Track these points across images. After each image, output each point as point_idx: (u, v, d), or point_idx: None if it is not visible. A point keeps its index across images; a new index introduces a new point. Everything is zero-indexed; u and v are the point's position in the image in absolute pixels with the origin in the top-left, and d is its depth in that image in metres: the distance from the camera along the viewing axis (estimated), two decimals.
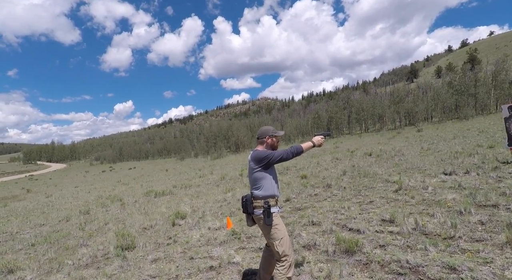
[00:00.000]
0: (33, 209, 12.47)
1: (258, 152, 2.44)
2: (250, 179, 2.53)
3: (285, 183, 8.40)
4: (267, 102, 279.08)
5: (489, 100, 36.03)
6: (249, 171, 2.52)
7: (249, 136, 60.56)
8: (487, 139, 12.38)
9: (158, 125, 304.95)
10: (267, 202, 2.38)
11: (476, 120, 29.51)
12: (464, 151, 9.47)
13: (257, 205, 2.40)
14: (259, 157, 2.40)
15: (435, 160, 8.52)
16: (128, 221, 6.70)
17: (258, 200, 2.40)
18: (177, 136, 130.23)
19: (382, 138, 25.57)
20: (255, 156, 2.43)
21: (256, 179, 2.43)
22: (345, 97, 50.50)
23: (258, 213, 2.39)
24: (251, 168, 2.47)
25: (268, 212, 2.34)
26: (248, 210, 2.44)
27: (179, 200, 8.72)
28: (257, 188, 2.43)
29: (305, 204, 5.71)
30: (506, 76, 36.03)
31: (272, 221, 2.35)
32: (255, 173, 2.43)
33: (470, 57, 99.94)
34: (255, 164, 2.43)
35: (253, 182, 2.47)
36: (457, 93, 36.05)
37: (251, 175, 2.47)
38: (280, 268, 2.36)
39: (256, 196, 2.42)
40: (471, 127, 21.40)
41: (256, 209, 2.40)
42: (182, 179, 17.17)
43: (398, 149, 12.75)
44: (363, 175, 7.83)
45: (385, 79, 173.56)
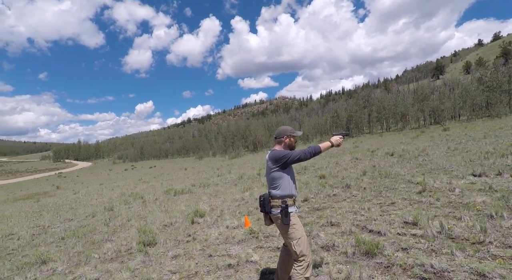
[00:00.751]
0: (62, 204, 13.19)
1: (275, 152, 2.43)
2: (267, 179, 2.51)
3: (303, 183, 8.32)
4: (284, 101, 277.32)
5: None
6: (267, 170, 2.52)
7: (267, 135, 60.48)
8: None
9: (177, 125, 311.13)
10: (285, 202, 2.37)
11: (510, 119, 27.74)
12: (496, 151, 8.94)
13: (274, 204, 2.39)
14: (276, 157, 2.39)
15: (463, 160, 8.11)
16: (149, 218, 6.91)
17: (275, 199, 2.39)
18: (196, 136, 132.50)
19: (404, 137, 24.68)
20: (273, 156, 2.42)
21: (273, 178, 2.43)
22: (365, 96, 49.08)
23: (276, 213, 2.39)
24: (269, 167, 2.46)
25: (286, 211, 2.33)
26: (266, 210, 2.44)
27: (197, 199, 8.88)
28: (275, 187, 2.42)
29: (323, 204, 5.63)
30: None
31: (289, 221, 2.34)
32: (273, 172, 2.42)
33: (504, 51, 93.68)
34: (272, 164, 2.42)
35: (270, 182, 2.47)
36: (489, 89, 33.76)
37: (269, 174, 2.47)
38: (298, 268, 2.34)
39: (273, 195, 2.41)
40: (504, 126, 20.15)
41: (274, 209, 2.39)
42: (201, 178, 17.47)
43: (422, 149, 12.25)
44: (384, 175, 7.60)
45: (408, 76, 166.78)
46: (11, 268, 4.76)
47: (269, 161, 2.46)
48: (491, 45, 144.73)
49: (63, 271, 4.26)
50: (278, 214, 2.37)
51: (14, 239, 7.04)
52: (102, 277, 3.73)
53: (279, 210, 2.37)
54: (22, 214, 11.65)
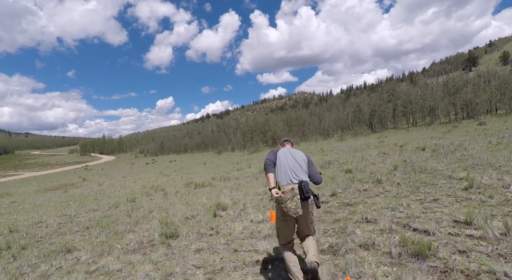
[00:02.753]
0: (88, 195, 13.56)
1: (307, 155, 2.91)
2: (302, 167, 2.73)
3: (329, 177, 7.90)
4: (304, 97, 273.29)
5: None
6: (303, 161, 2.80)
7: (286, 130, 59.77)
8: None
9: (196, 120, 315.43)
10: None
11: None
12: None
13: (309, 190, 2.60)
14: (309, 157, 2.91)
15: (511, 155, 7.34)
16: (170, 210, 6.81)
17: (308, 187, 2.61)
18: (214, 131, 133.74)
19: (434, 132, 23.31)
20: (306, 156, 2.89)
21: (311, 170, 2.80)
22: (390, 89, 46.93)
23: (312, 199, 2.62)
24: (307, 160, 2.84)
25: (317, 196, 2.72)
26: (307, 195, 2.52)
27: (219, 192, 8.71)
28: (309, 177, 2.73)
29: (354, 199, 5.22)
30: None
31: None
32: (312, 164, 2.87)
33: None
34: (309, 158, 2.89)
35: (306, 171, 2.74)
36: None
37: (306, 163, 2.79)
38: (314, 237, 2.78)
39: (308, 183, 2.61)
40: None
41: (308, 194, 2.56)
42: (221, 172, 17.40)
43: (459, 144, 11.36)
44: (418, 170, 7.03)
45: (436, 68, 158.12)
46: (38, 255, 4.79)
47: (304, 154, 2.88)
48: None
49: (87, 261, 4.19)
50: (313, 201, 2.64)
51: (42, 227, 7.20)
52: (124, 269, 3.59)
53: (312, 197, 2.62)
54: (51, 204, 12.07)
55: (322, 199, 5.61)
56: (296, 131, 64.89)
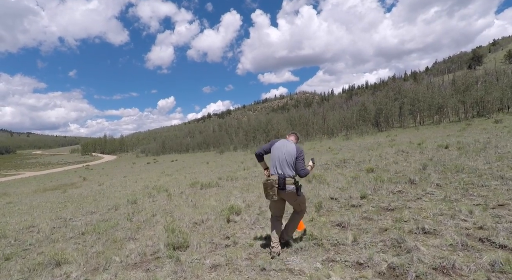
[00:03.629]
0: (87, 196, 12.85)
1: (300, 148, 3.28)
2: (286, 161, 3.20)
3: (351, 177, 7.13)
4: (305, 96, 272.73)
5: None
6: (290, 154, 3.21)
7: (289, 129, 58.87)
8: None
9: (197, 120, 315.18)
10: (295, 179, 3.22)
11: None
12: None
13: (288, 182, 3.15)
14: (301, 152, 3.25)
15: None
16: (176, 214, 6.06)
17: (289, 178, 3.16)
18: (216, 130, 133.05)
19: (447, 130, 22.47)
20: (300, 149, 3.25)
21: (297, 163, 3.18)
22: (396, 87, 46.02)
23: (290, 188, 3.16)
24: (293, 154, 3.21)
25: (300, 186, 3.21)
26: (283, 187, 3.14)
27: (228, 193, 7.95)
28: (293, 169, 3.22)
29: (393, 203, 4.45)
30: None
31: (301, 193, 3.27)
32: (300, 159, 3.21)
33: None
34: (298, 153, 3.20)
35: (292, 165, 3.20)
36: None
37: (293, 158, 3.19)
38: (299, 215, 3.49)
39: (289, 175, 3.18)
40: None
41: (288, 185, 3.15)
42: (226, 171, 16.66)
43: (486, 141, 10.54)
44: (454, 170, 6.24)
45: (439, 67, 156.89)
46: (21, 269, 4.05)
47: (295, 149, 3.23)
48: None
49: (78, 278, 3.45)
50: (292, 190, 3.17)
51: (34, 232, 6.48)
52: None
53: (292, 186, 3.17)
54: (47, 205, 11.36)
55: (353, 202, 4.85)
56: (299, 130, 64.04)
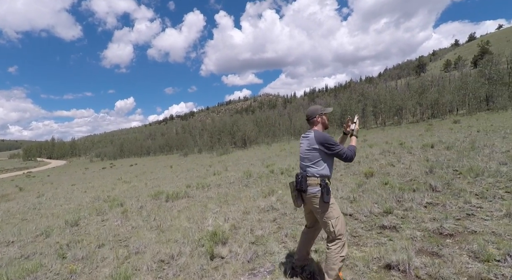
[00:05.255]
0: (16, 213, 10.14)
1: (324, 134, 2.39)
2: (304, 157, 2.46)
3: (356, 184, 5.97)
4: (269, 98, 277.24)
5: None
6: (306, 147, 2.45)
7: (256, 130, 57.94)
8: None
9: (159, 122, 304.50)
10: (324, 180, 2.36)
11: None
12: None
13: (312, 182, 2.36)
14: (325, 140, 2.35)
15: None
16: (133, 244, 4.31)
17: (313, 178, 2.37)
18: (179, 132, 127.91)
19: (413, 130, 23.06)
20: (322, 138, 2.36)
21: (315, 157, 2.38)
22: (360, 89, 47.70)
23: (314, 191, 2.35)
24: (312, 145, 2.39)
25: (328, 189, 2.33)
26: (303, 187, 2.37)
27: (202, 207, 6.33)
28: (314, 166, 2.38)
29: (440, 223, 3.27)
30: None
31: (330, 199, 2.33)
32: (315, 151, 2.38)
33: (482, 50, 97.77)
34: (318, 144, 2.36)
35: (311, 159, 2.41)
36: (490, 82, 33.15)
37: (310, 152, 2.40)
38: (333, 246, 2.33)
39: (312, 173, 2.38)
40: None
41: (311, 187, 2.36)
42: (194, 177, 14.82)
43: (470, 140, 10.26)
44: (473, 173, 5.38)
45: (390, 73, 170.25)
46: None
47: (313, 140, 2.39)
48: (467, 45, 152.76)
49: None
50: (316, 193, 2.34)
51: None
52: None
53: (317, 188, 2.34)
54: None
55: (380, 220, 3.61)
56: (266, 131, 63.53)
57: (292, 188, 2.49)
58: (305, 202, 2.47)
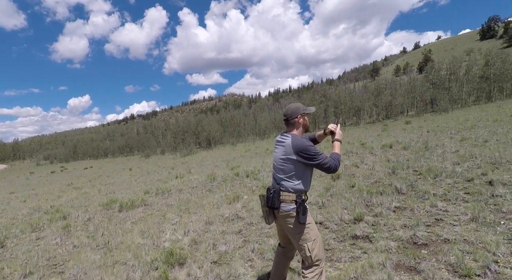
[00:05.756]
0: None
1: (303, 142, 1.99)
2: (278, 167, 2.09)
3: (323, 188, 5.81)
4: (234, 98, 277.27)
5: (461, 93, 37.43)
6: (280, 156, 2.08)
7: (221, 130, 57.08)
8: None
9: (118, 121, 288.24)
10: (300, 196, 2.02)
11: (456, 113, 29.73)
12: None
13: (286, 199, 2.02)
14: (304, 149, 1.96)
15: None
16: (71, 270, 3.60)
17: (288, 193, 2.02)
18: (141, 133, 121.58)
19: (371, 130, 24.31)
20: (301, 146, 1.97)
21: (290, 169, 2.02)
22: (322, 91, 49.50)
23: (288, 209, 2.01)
24: (287, 155, 2.02)
25: (304, 208, 2.00)
26: (275, 205, 2.00)
27: (159, 217, 5.71)
28: (289, 179, 2.03)
29: (413, 231, 3.14)
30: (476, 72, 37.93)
31: (306, 219, 2.00)
32: (291, 162, 2.00)
33: (425, 58, 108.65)
34: (294, 153, 1.99)
35: (284, 172, 2.05)
36: (434, 87, 36.79)
37: (284, 162, 2.04)
38: (310, 274, 1.99)
39: (286, 187, 2.03)
40: (464, 119, 20.82)
41: (284, 203, 2.02)
42: (154, 180, 13.85)
43: (423, 141, 10.85)
44: (432, 174, 5.51)
45: (348, 76, 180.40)
46: None
47: (289, 148, 2.01)
48: (413, 52, 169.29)
49: None
50: (290, 211, 2.01)
51: None
52: None
53: (292, 206, 2.00)
54: None
55: (352, 229, 3.40)
56: (231, 131, 62.96)
57: (263, 203, 2.13)
58: (277, 219, 2.13)
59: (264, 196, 2.10)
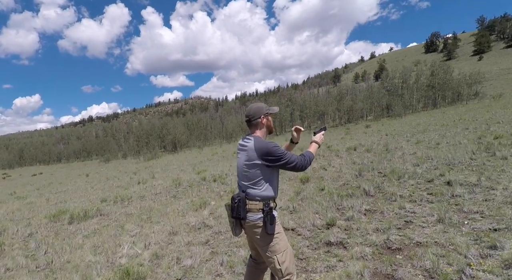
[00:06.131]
0: None
1: (267, 144, 1.82)
2: (242, 174, 1.93)
3: (294, 192, 5.70)
4: (200, 101, 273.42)
5: (412, 100, 41.02)
6: (243, 162, 1.89)
7: (187, 134, 55.48)
8: (468, 130, 12.11)
9: (74, 124, 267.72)
10: (268, 204, 1.85)
11: (409, 118, 32.13)
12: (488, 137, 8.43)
13: (252, 207, 1.85)
14: (268, 152, 1.80)
15: (465, 151, 7.06)
16: None
17: (255, 201, 1.85)
18: (100, 136, 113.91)
19: (335, 134, 25.22)
20: (263, 147, 1.81)
21: (255, 175, 1.85)
22: (288, 95, 50.61)
23: (255, 218, 1.84)
24: (250, 159, 1.84)
25: (272, 217, 1.82)
26: (240, 215, 1.83)
27: (117, 229, 5.16)
28: (256, 185, 1.86)
29: (386, 235, 3.10)
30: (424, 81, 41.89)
31: (274, 229, 1.83)
32: (256, 167, 1.84)
33: (381, 67, 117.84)
34: (258, 157, 1.82)
35: (249, 178, 1.87)
36: (389, 93, 39.81)
37: (248, 168, 1.86)
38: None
39: (253, 195, 1.86)
40: (416, 123, 22.49)
41: (251, 213, 1.85)
42: (113, 187, 12.84)
43: (384, 143, 11.39)
44: (396, 175, 5.70)
45: (312, 82, 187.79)
46: None
47: (252, 151, 1.84)
48: (370, 61, 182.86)
49: None
50: (257, 221, 1.84)
51: None
52: None
53: (259, 215, 1.84)
54: None
55: (326, 236, 3.29)
56: (198, 135, 61.59)
57: (229, 213, 1.95)
58: (245, 229, 1.95)
59: (229, 205, 1.93)
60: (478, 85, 41.29)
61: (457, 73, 42.70)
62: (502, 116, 16.91)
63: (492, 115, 18.89)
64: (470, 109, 27.88)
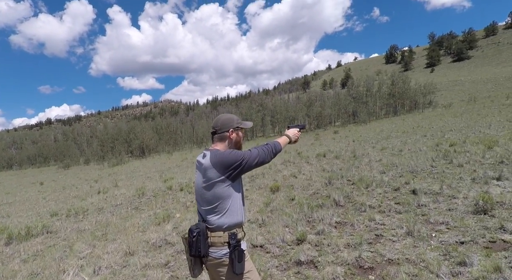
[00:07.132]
0: None
1: (222, 154, 1.51)
2: (202, 197, 1.55)
3: (263, 203, 5.48)
4: (170, 105, 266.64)
5: (375, 107, 43.62)
6: (201, 183, 1.55)
7: (156, 138, 53.34)
8: (426, 137, 12.81)
9: (30, 127, 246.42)
10: (234, 235, 1.49)
11: (373, 124, 33.80)
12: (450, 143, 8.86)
13: (216, 241, 1.49)
14: (227, 162, 1.48)
15: (425, 158, 7.35)
16: None
17: (218, 231, 1.50)
18: (59, 140, 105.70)
19: (305, 139, 25.68)
20: (220, 160, 1.49)
21: (216, 196, 1.50)
22: (259, 100, 50.98)
23: (219, 255, 1.49)
24: (209, 178, 1.50)
25: (240, 252, 1.46)
26: (201, 252, 1.46)
27: (65, 250, 4.55)
28: (218, 211, 1.50)
29: (357, 252, 2.98)
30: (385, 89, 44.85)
31: (244, 268, 1.48)
32: (216, 187, 1.49)
33: (346, 75, 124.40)
34: (218, 173, 1.48)
35: (210, 202, 1.51)
36: (354, 100, 41.98)
37: (208, 189, 1.51)
38: None
39: (216, 225, 1.50)
40: (380, 131, 23.61)
41: (214, 248, 1.49)
42: (69, 197, 11.77)
43: (351, 150, 11.66)
44: (365, 184, 5.72)
45: (283, 87, 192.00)
46: None
47: (210, 168, 1.49)
48: (336, 69, 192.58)
49: None
50: (222, 258, 1.49)
51: None
52: None
53: (224, 250, 1.48)
54: None
55: (295, 254, 3.09)
56: (167, 139, 59.57)
57: (186, 249, 1.57)
58: (207, 268, 1.59)
59: (186, 239, 1.56)
60: (431, 95, 45.18)
61: (413, 83, 46.38)
62: (453, 124, 18.36)
63: (445, 123, 20.45)
64: (426, 117, 30.05)
